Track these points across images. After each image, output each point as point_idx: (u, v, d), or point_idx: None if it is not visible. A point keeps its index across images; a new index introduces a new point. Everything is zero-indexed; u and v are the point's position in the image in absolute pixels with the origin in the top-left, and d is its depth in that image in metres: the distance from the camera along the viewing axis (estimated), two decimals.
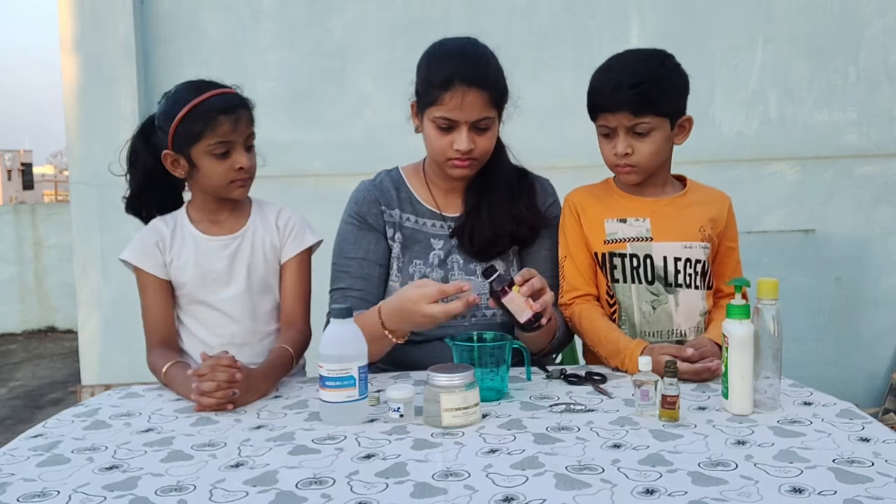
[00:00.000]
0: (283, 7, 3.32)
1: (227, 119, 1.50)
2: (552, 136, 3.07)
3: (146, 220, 1.65)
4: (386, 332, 1.44)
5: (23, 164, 32.93)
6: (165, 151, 1.54)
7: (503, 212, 1.66)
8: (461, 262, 1.68)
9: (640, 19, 3.21)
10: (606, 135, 1.57)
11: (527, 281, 1.37)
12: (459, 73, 1.51)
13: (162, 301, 1.59)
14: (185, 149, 1.52)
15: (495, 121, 1.59)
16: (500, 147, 1.70)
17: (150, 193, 1.62)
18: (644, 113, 1.50)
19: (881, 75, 3.18)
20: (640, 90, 1.49)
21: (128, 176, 1.63)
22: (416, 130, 1.66)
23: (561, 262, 1.66)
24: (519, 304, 1.36)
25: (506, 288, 1.36)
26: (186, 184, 1.62)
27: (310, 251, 1.66)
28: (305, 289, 1.65)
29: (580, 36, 3.20)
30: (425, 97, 1.57)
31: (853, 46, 3.17)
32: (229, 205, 1.62)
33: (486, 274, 1.39)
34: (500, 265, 1.68)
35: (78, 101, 3.36)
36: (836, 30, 3.17)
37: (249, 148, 1.57)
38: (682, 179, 1.68)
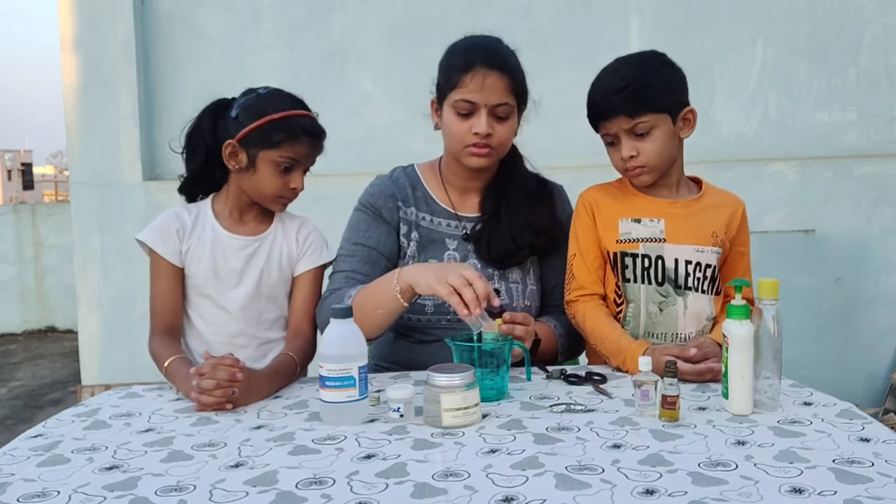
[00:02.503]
0: (283, 7, 3.32)
1: (308, 142, 1.55)
2: (552, 136, 3.06)
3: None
4: (395, 284, 1.43)
5: (23, 164, 32.95)
6: (230, 141, 1.55)
7: (522, 219, 1.66)
8: (478, 265, 1.66)
9: (640, 19, 3.22)
10: (611, 143, 1.59)
11: (513, 322, 1.42)
12: (481, 58, 1.54)
13: (173, 288, 1.59)
14: (255, 148, 1.54)
15: (514, 111, 1.59)
16: (517, 153, 1.70)
17: (209, 174, 1.62)
18: (639, 113, 1.51)
19: (881, 75, 3.18)
20: (629, 91, 1.51)
21: (184, 154, 1.64)
22: (436, 127, 1.65)
23: (570, 260, 1.66)
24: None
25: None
26: (229, 176, 1.62)
27: (323, 268, 1.67)
28: (315, 302, 1.65)
29: (580, 36, 3.20)
30: (446, 84, 1.58)
31: (853, 46, 3.18)
32: (259, 208, 1.63)
33: None
34: (517, 273, 1.68)
35: (78, 101, 3.36)
36: (836, 30, 3.17)
37: (305, 172, 1.61)
38: (697, 182, 1.67)
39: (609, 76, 1.56)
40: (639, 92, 1.51)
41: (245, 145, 1.55)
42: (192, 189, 1.66)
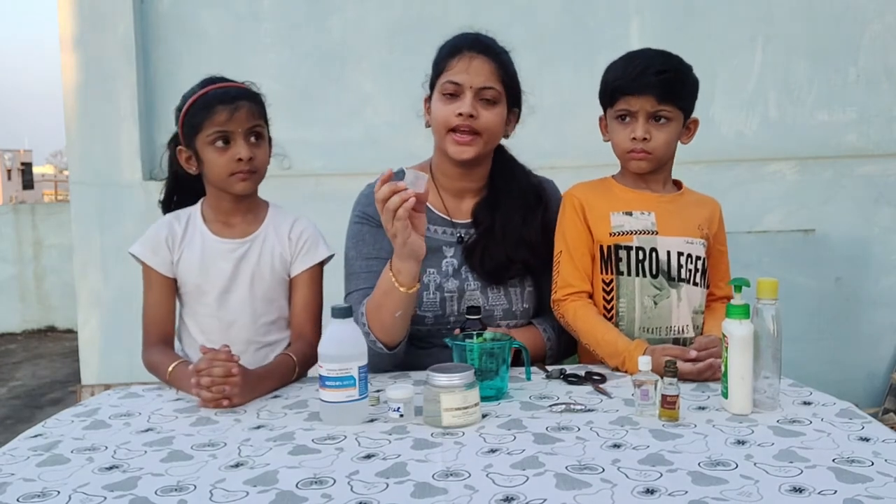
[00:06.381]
0: (283, 7, 3.32)
1: (223, 108, 1.51)
2: (552, 136, 3.06)
3: None
4: (391, 276, 1.42)
5: (23, 164, 32.90)
6: (179, 147, 1.57)
7: (516, 234, 1.63)
8: (472, 276, 1.64)
9: (640, 19, 3.21)
10: (623, 117, 1.58)
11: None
12: (468, 43, 1.58)
13: (166, 299, 1.59)
14: (191, 141, 1.54)
15: (502, 100, 1.58)
16: (511, 157, 1.69)
17: (181, 194, 1.64)
18: (667, 100, 1.55)
19: (881, 75, 3.18)
20: (667, 77, 1.54)
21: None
22: (427, 125, 1.64)
23: (556, 258, 1.64)
24: None
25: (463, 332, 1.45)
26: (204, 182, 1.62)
27: (322, 264, 1.64)
28: (317, 302, 1.63)
29: (580, 36, 3.19)
30: (435, 72, 1.60)
31: (853, 46, 3.17)
32: (243, 207, 1.61)
33: (469, 311, 1.48)
34: (515, 280, 1.66)
35: (78, 100, 3.35)
36: (836, 30, 3.17)
37: (255, 141, 1.55)
38: (676, 184, 1.70)
39: (648, 57, 1.57)
40: (674, 82, 1.55)
41: (186, 144, 1.56)
42: (170, 208, 1.67)
